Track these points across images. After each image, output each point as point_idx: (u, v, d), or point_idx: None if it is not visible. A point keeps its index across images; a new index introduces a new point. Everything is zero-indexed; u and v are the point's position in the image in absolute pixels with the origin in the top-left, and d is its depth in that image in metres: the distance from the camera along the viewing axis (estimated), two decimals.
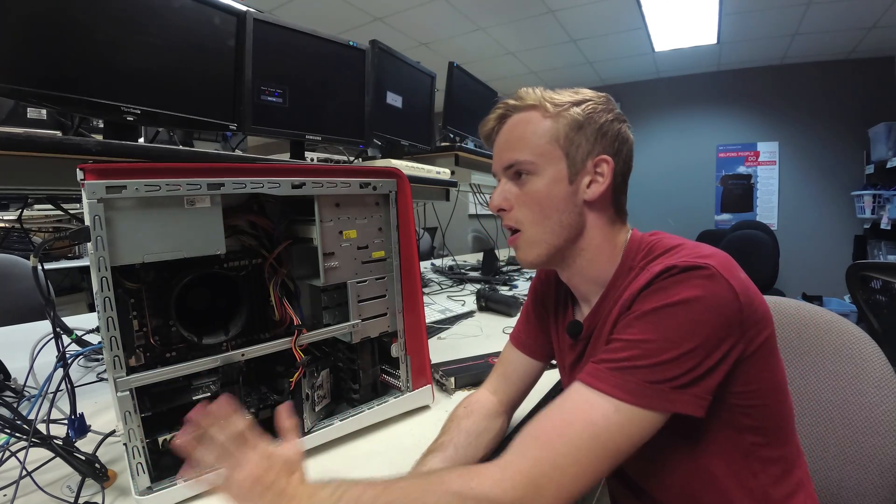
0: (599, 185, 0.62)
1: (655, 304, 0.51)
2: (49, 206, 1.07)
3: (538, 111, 0.63)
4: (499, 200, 0.65)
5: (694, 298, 0.49)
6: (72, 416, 0.60)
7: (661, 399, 0.48)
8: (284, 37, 1.24)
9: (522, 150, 0.63)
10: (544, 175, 0.62)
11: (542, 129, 0.62)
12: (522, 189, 0.63)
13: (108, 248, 0.53)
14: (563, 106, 0.62)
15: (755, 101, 4.65)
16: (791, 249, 4.20)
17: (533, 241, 0.64)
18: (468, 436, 0.68)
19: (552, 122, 0.62)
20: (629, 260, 0.62)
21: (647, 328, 0.50)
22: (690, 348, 0.48)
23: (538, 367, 0.78)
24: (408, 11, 3.45)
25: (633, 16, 3.50)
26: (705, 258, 0.52)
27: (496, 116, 0.67)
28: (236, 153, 1.53)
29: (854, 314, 2.86)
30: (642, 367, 0.49)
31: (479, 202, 2.62)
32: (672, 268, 0.51)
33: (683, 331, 0.49)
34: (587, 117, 0.62)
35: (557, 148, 0.62)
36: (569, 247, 0.64)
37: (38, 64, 0.80)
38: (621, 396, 0.48)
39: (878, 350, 0.76)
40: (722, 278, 0.50)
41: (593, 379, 0.50)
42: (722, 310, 0.49)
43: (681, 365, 0.48)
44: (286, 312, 0.72)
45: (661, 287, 0.51)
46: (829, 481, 0.75)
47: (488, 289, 1.84)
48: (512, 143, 0.64)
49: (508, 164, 0.64)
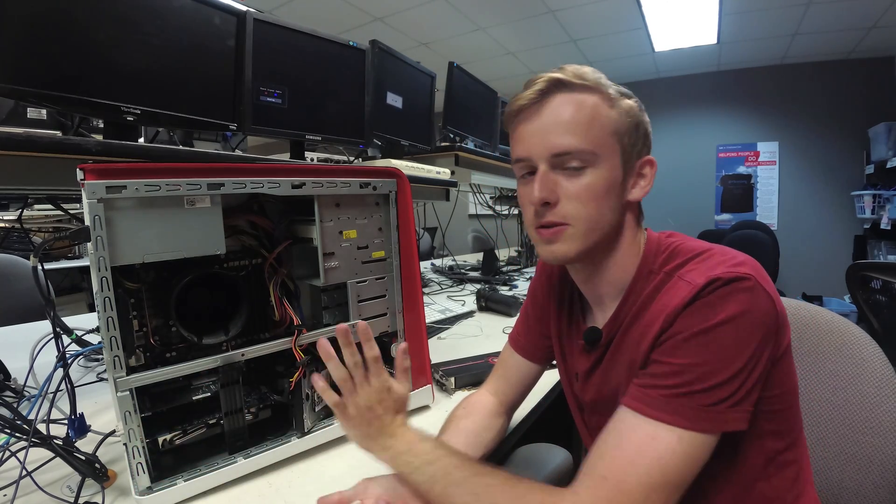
0: (643, 188, 0.60)
1: (703, 324, 0.48)
2: (49, 206, 1.07)
3: (599, 96, 0.56)
4: (546, 193, 0.56)
5: (739, 314, 0.48)
6: (72, 416, 0.60)
7: (718, 421, 0.48)
8: (284, 37, 1.24)
9: (582, 136, 0.55)
10: (603, 168, 0.56)
11: (606, 118, 0.56)
12: (575, 181, 0.56)
13: (108, 248, 0.53)
14: (619, 95, 0.57)
15: (755, 101, 4.65)
16: (791, 249, 4.20)
17: (580, 236, 0.57)
18: (467, 436, 0.68)
19: (616, 112, 0.56)
20: (648, 263, 0.60)
21: (698, 351, 0.48)
22: (740, 367, 0.48)
23: (537, 369, 0.78)
24: (408, 11, 3.45)
25: (633, 16, 3.50)
26: (741, 266, 0.50)
27: (538, 90, 0.57)
28: (236, 153, 1.53)
29: (854, 314, 2.86)
30: (698, 391, 0.47)
31: (478, 202, 2.62)
32: (715, 280, 0.49)
33: (733, 350, 0.48)
34: (639, 112, 0.59)
35: (616, 142, 0.57)
36: (604, 245, 0.60)
37: (38, 64, 0.80)
38: (683, 424, 0.47)
39: (878, 350, 0.76)
40: (761, 289, 0.49)
41: (650, 408, 0.49)
42: (764, 322, 0.49)
43: (733, 384, 0.48)
44: (286, 312, 0.72)
45: (706, 303, 0.49)
46: (830, 481, 0.75)
47: (488, 289, 1.84)
48: (570, 126, 0.55)
49: (560, 151, 0.55)
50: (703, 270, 0.51)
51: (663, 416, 0.48)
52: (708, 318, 0.48)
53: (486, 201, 2.69)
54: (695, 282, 0.50)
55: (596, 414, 0.65)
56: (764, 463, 0.55)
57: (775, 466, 0.56)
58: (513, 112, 0.60)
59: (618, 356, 0.60)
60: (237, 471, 0.64)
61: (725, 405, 0.48)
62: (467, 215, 4.26)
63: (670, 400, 0.48)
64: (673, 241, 0.61)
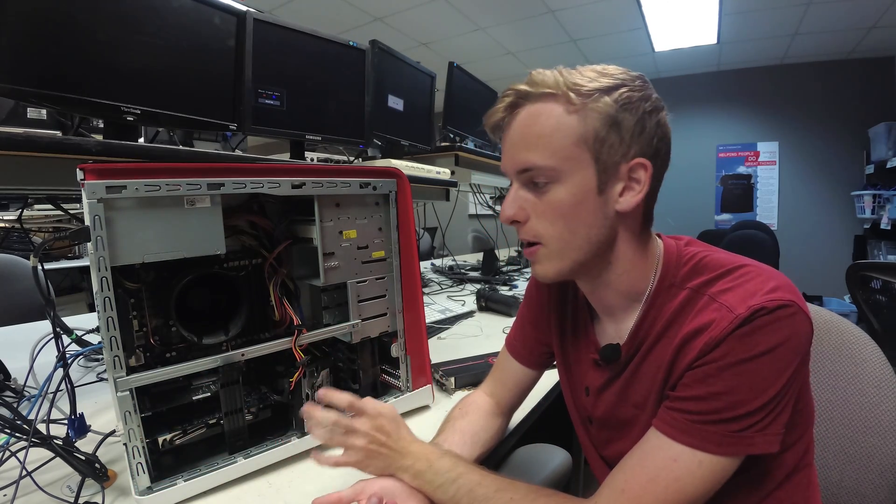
0: (635, 195, 0.53)
1: (742, 354, 0.47)
2: (49, 206, 1.07)
3: (560, 102, 0.51)
4: (512, 211, 0.55)
5: (780, 344, 0.46)
6: (72, 416, 0.60)
7: (744, 444, 0.47)
8: (284, 37, 1.24)
9: (541, 152, 0.52)
10: (569, 183, 0.52)
11: (567, 127, 0.51)
12: (541, 198, 0.53)
13: (108, 248, 0.53)
14: (590, 96, 0.51)
15: (755, 101, 4.65)
16: (791, 249, 4.20)
17: (554, 256, 0.55)
18: (463, 435, 0.68)
19: (578, 118, 0.51)
20: (669, 276, 0.56)
21: (733, 380, 0.47)
22: (774, 394, 0.47)
23: (533, 374, 0.77)
24: (408, 11, 3.45)
25: (633, 16, 3.50)
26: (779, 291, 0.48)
27: (506, 105, 0.55)
28: (236, 153, 1.53)
29: (854, 314, 2.86)
30: (728, 419, 0.47)
31: (478, 202, 2.62)
32: (760, 310, 0.46)
33: (769, 378, 0.47)
34: (621, 110, 0.51)
35: (585, 151, 0.51)
36: (596, 261, 0.56)
37: (38, 64, 0.80)
38: (706, 448, 0.47)
39: (877, 350, 0.76)
40: (802, 313, 0.48)
41: (676, 431, 0.49)
42: (802, 346, 0.48)
43: (764, 411, 0.47)
44: (286, 312, 0.72)
45: (748, 334, 0.47)
46: (829, 481, 0.75)
47: (488, 289, 1.84)
48: (528, 141, 0.53)
49: (523, 167, 0.53)
50: (743, 296, 0.48)
51: (688, 439, 0.48)
52: (747, 349, 0.47)
53: (486, 201, 2.69)
54: (735, 311, 0.47)
55: (606, 429, 0.64)
56: (784, 474, 0.55)
57: (791, 473, 0.56)
58: (490, 128, 0.58)
59: (639, 374, 0.57)
60: (237, 471, 0.64)
61: (753, 430, 0.47)
62: (467, 215, 4.25)
63: (698, 426, 0.48)
64: (693, 251, 0.57)
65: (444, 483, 0.54)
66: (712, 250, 0.58)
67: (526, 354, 0.76)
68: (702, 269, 0.54)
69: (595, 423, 0.66)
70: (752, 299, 0.47)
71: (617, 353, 0.59)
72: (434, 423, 0.76)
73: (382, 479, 0.57)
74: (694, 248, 0.59)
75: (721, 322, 0.48)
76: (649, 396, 0.56)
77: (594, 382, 0.64)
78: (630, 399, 0.59)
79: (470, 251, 3.81)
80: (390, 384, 0.86)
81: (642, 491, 0.48)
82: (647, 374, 0.56)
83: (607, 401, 0.62)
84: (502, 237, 2.89)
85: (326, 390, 0.60)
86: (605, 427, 0.64)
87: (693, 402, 0.49)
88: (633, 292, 0.58)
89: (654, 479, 0.48)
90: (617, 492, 0.50)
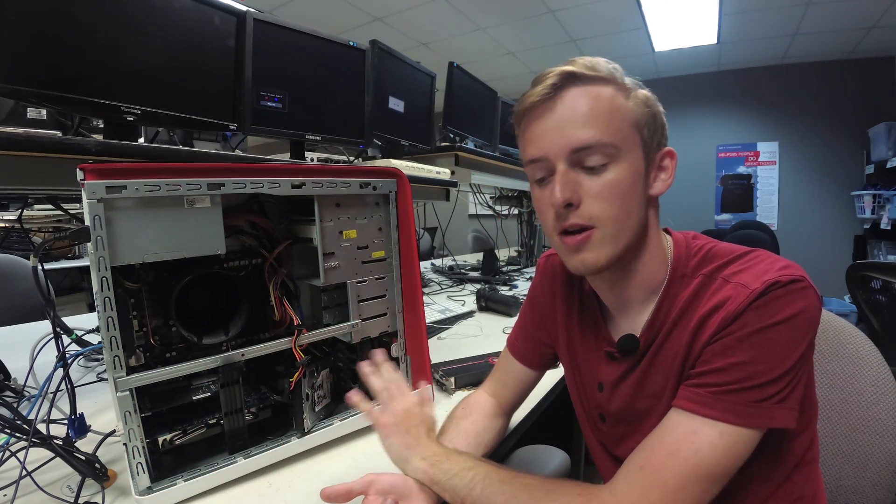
0: (664, 182, 0.57)
1: (759, 324, 0.48)
2: (49, 206, 1.07)
3: (615, 87, 0.54)
4: (567, 193, 0.52)
5: (796, 314, 0.48)
6: (72, 416, 0.60)
7: (764, 416, 0.48)
8: (284, 37, 1.24)
9: (606, 129, 0.52)
10: (625, 163, 0.53)
11: (626, 110, 0.53)
12: (597, 179, 0.53)
13: (108, 248, 0.53)
14: (632, 87, 0.55)
15: (755, 101, 4.65)
16: (791, 249, 4.20)
17: (609, 239, 0.54)
18: (467, 436, 0.68)
19: (633, 103, 0.54)
20: (681, 266, 0.57)
21: (751, 349, 0.48)
22: (791, 365, 0.48)
23: (535, 375, 0.77)
24: (408, 11, 3.45)
25: (633, 16, 3.50)
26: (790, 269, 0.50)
27: (552, 83, 0.53)
28: (236, 153, 1.53)
29: (854, 314, 2.86)
30: (748, 388, 0.47)
31: (478, 202, 2.62)
32: (774, 284, 0.48)
33: (786, 348, 0.48)
34: (655, 103, 0.56)
35: (637, 134, 0.54)
36: (633, 248, 0.57)
37: (38, 64, 0.80)
38: (728, 419, 0.47)
39: (874, 349, 0.76)
40: (812, 289, 0.49)
41: (697, 405, 0.49)
42: (815, 320, 0.50)
43: (782, 381, 0.48)
44: (286, 312, 0.72)
45: (764, 304, 0.48)
46: (828, 480, 0.75)
47: (488, 289, 1.84)
48: (586, 119, 0.52)
49: (580, 145, 0.52)
50: (757, 274, 0.50)
51: (709, 412, 0.48)
52: (764, 319, 0.48)
53: (486, 201, 2.69)
54: (751, 286, 0.49)
55: (621, 425, 0.63)
56: (794, 463, 0.56)
57: (799, 465, 0.57)
58: (524, 110, 0.56)
59: (656, 363, 0.58)
60: (237, 471, 0.64)
61: (772, 401, 0.48)
62: (467, 215, 4.25)
63: (719, 397, 0.48)
64: (701, 242, 0.59)
65: (460, 471, 0.55)
66: (717, 242, 0.59)
67: (528, 355, 0.76)
68: (712, 258, 0.56)
69: (609, 419, 0.65)
70: (766, 275, 0.49)
71: (635, 344, 0.59)
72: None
73: (392, 475, 0.57)
74: (701, 240, 0.61)
75: (737, 297, 0.49)
76: (667, 384, 0.56)
77: (609, 377, 0.63)
78: (647, 390, 0.59)
79: (470, 251, 3.81)
80: None
81: (661, 466, 0.48)
82: (665, 361, 0.56)
83: (624, 394, 0.62)
84: (502, 237, 2.89)
85: (383, 360, 0.67)
86: (620, 422, 0.63)
87: (713, 375, 0.49)
88: (651, 283, 0.59)
89: (674, 453, 0.48)
90: (635, 469, 0.49)
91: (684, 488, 0.46)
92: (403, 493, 0.55)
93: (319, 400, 0.76)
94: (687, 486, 0.46)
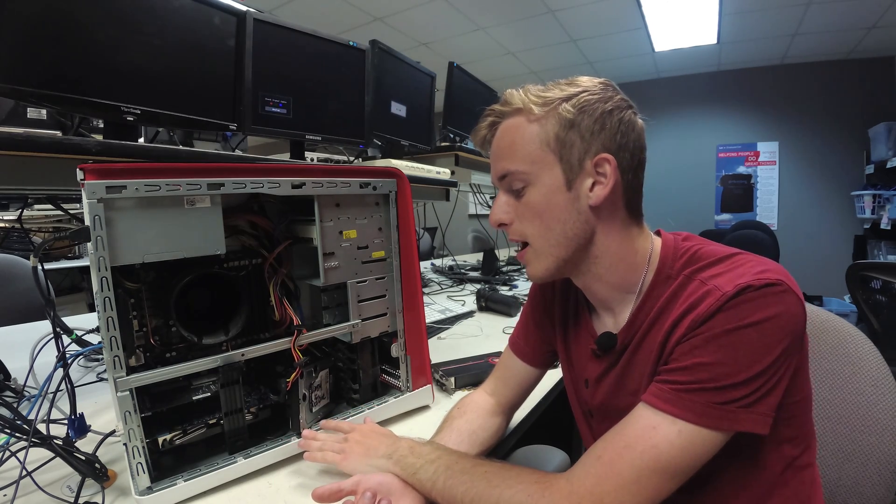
0: (603, 187, 0.56)
1: (728, 325, 0.48)
2: (49, 206, 1.07)
3: (524, 115, 0.58)
4: (499, 215, 0.62)
5: (768, 318, 0.47)
6: (72, 416, 0.60)
7: (727, 419, 0.47)
8: (284, 37, 1.24)
9: (513, 159, 0.59)
10: (540, 184, 0.57)
11: (530, 135, 0.57)
12: (520, 201, 0.59)
13: (108, 248, 0.53)
14: (551, 104, 0.57)
15: (755, 101, 4.65)
16: (791, 249, 4.20)
17: (539, 254, 0.60)
18: (460, 434, 0.69)
19: (539, 125, 0.57)
20: (666, 268, 0.58)
21: (718, 351, 0.48)
22: (761, 369, 0.47)
23: (536, 374, 0.78)
24: (408, 11, 3.45)
25: (633, 16, 3.50)
26: (768, 273, 0.49)
27: (487, 125, 0.63)
28: (236, 153, 1.53)
29: (854, 314, 2.86)
30: (710, 389, 0.47)
31: (479, 202, 2.62)
32: (746, 288, 0.48)
33: (755, 353, 0.47)
34: (579, 112, 0.56)
35: (549, 153, 0.57)
36: (580, 256, 0.60)
37: (38, 64, 0.81)
38: (686, 417, 0.48)
39: (874, 349, 0.76)
40: (792, 293, 0.49)
41: (657, 400, 0.50)
42: (793, 326, 0.49)
43: (749, 386, 0.47)
44: (286, 312, 0.72)
45: (734, 306, 0.48)
46: (827, 479, 0.75)
47: (488, 289, 1.84)
48: (503, 152, 0.60)
49: (501, 174, 0.60)
50: (732, 278, 0.50)
51: (670, 408, 0.49)
52: (733, 321, 0.48)
53: (486, 201, 2.69)
54: (723, 289, 0.49)
55: (607, 420, 0.64)
56: (782, 469, 0.56)
57: (793, 471, 0.56)
58: (478, 145, 0.66)
59: (634, 361, 0.59)
60: (237, 471, 0.64)
61: (737, 405, 0.47)
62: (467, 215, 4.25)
63: (681, 395, 0.48)
64: (690, 244, 0.60)
65: (423, 465, 0.57)
66: (708, 243, 0.60)
67: (530, 353, 0.77)
68: (696, 260, 0.57)
69: (595, 414, 0.67)
70: (741, 279, 0.49)
71: (613, 341, 0.61)
72: (434, 422, 0.76)
73: (380, 474, 0.59)
74: (690, 241, 0.61)
75: (709, 299, 0.50)
76: (643, 381, 0.57)
77: (592, 373, 0.66)
78: (627, 387, 0.60)
79: (470, 251, 3.81)
80: (390, 384, 0.86)
81: (617, 456, 0.49)
82: (642, 360, 0.58)
83: (605, 391, 0.63)
84: (502, 237, 2.88)
85: (326, 421, 0.72)
86: (606, 417, 0.64)
87: (678, 374, 0.50)
88: (624, 285, 0.60)
89: (631, 446, 0.49)
90: (593, 459, 0.51)
91: (638, 480, 0.47)
92: (390, 490, 0.57)
93: (317, 401, 0.76)
94: (641, 479, 0.47)
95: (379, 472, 0.59)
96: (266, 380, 0.79)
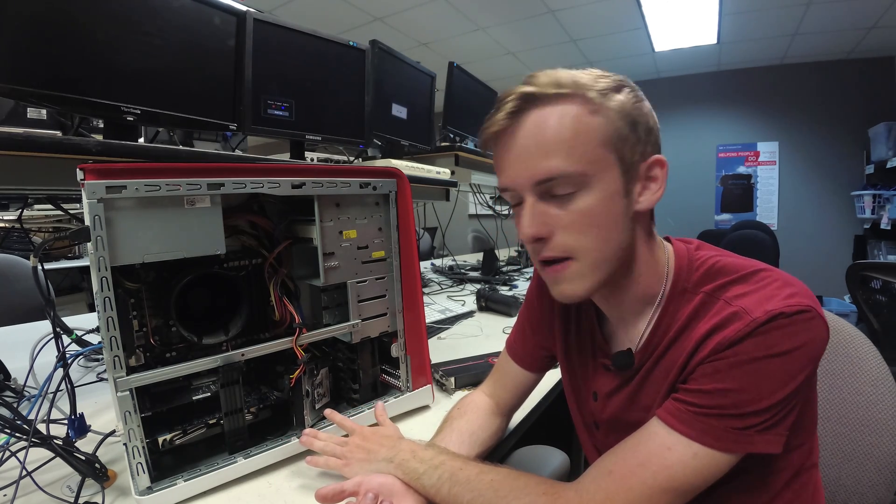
0: (653, 193, 0.52)
1: (756, 353, 0.46)
2: (49, 206, 1.07)
3: (579, 103, 0.48)
4: (536, 227, 0.50)
5: (796, 348, 0.45)
6: (72, 416, 0.60)
7: (743, 443, 0.47)
8: (284, 37, 1.24)
9: (565, 157, 0.48)
10: (597, 188, 0.49)
11: (592, 129, 0.48)
12: (568, 208, 0.49)
13: (108, 248, 0.53)
14: (605, 94, 0.48)
15: (755, 101, 4.65)
16: (791, 249, 4.19)
17: (588, 271, 0.51)
18: (460, 435, 0.68)
19: (603, 118, 0.48)
20: (681, 280, 0.54)
21: (743, 378, 0.46)
22: (783, 397, 0.46)
23: (533, 378, 0.77)
24: (408, 11, 3.45)
25: (633, 16, 3.49)
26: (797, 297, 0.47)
27: (510, 111, 0.50)
28: (236, 153, 1.53)
29: (854, 314, 2.86)
30: (730, 415, 0.46)
31: (478, 202, 2.62)
32: (778, 316, 0.45)
33: (780, 381, 0.46)
34: (635, 107, 0.50)
35: (610, 152, 0.49)
36: (620, 270, 0.54)
37: (38, 64, 0.80)
38: (703, 441, 0.46)
39: (873, 349, 0.76)
40: (820, 318, 0.47)
41: (674, 420, 0.48)
42: (817, 352, 0.47)
43: (770, 411, 0.46)
44: (286, 312, 0.72)
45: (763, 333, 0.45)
46: (827, 479, 0.75)
47: (488, 289, 1.84)
48: (546, 148, 0.48)
49: (543, 177, 0.49)
50: (760, 301, 0.47)
51: (687, 430, 0.47)
52: (762, 350, 0.46)
53: (486, 201, 2.69)
54: (752, 314, 0.46)
55: (614, 433, 0.62)
56: (791, 476, 0.55)
57: (798, 475, 0.56)
58: (485, 141, 0.54)
59: (651, 379, 0.57)
60: (237, 471, 0.64)
61: (755, 430, 0.46)
62: (467, 215, 4.26)
63: (699, 418, 0.47)
64: (705, 255, 0.56)
65: (427, 470, 0.56)
66: (724, 254, 0.56)
67: (526, 358, 0.76)
68: (715, 274, 0.53)
69: (602, 427, 0.65)
70: (770, 303, 0.46)
71: (631, 361, 0.58)
72: (434, 422, 0.76)
73: (381, 476, 0.58)
74: (705, 251, 0.57)
75: (737, 323, 0.47)
76: (657, 398, 0.55)
77: (603, 387, 0.63)
78: (640, 403, 0.58)
79: (470, 251, 3.81)
80: (390, 384, 0.86)
81: (630, 473, 0.48)
82: (659, 377, 0.55)
83: (616, 405, 0.61)
84: (502, 237, 2.89)
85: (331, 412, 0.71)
86: (613, 431, 0.63)
87: (699, 396, 0.48)
88: (647, 296, 0.57)
89: (645, 464, 0.48)
90: (604, 473, 0.50)
91: (650, 499, 0.47)
92: (392, 491, 0.57)
93: (319, 398, 0.76)
94: (652, 497, 0.47)
95: (381, 473, 0.59)
96: (266, 380, 0.79)
